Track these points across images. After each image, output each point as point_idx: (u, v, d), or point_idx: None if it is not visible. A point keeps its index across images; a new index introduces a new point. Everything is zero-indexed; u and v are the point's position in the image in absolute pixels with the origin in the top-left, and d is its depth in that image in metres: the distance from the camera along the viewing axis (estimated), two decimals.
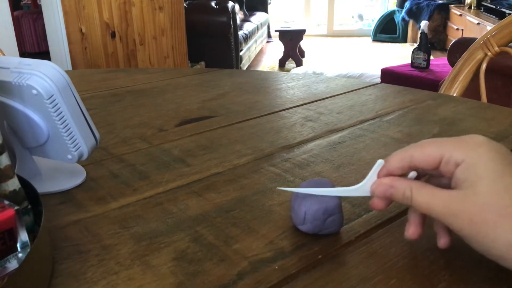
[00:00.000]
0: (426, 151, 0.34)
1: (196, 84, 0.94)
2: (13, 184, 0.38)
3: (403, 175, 0.36)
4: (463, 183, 0.32)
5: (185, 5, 3.33)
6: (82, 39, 2.91)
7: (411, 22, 5.91)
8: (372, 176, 0.37)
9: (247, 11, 5.50)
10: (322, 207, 0.38)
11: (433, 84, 2.49)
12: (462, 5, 5.36)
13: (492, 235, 0.30)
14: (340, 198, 0.40)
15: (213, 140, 0.63)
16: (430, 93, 0.84)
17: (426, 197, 0.34)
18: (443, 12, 5.49)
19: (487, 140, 0.33)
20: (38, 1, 4.40)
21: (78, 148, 0.47)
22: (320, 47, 5.99)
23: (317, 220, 0.39)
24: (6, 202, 0.35)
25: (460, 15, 5.00)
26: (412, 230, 0.36)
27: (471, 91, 0.98)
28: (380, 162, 0.37)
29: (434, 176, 0.37)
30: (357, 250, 0.38)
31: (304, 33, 4.86)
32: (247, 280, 0.35)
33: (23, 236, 0.34)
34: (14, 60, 0.46)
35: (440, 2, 5.55)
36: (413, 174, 0.36)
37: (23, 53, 4.02)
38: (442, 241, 0.36)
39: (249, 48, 4.62)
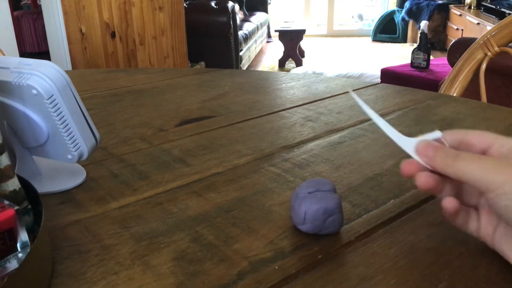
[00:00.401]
0: (482, 133, 0.37)
1: (196, 84, 0.94)
2: (13, 184, 0.38)
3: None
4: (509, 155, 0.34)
5: (185, 5, 3.33)
6: (82, 39, 2.91)
7: (411, 22, 5.91)
8: (425, 138, 0.37)
9: (247, 11, 5.50)
10: (322, 207, 0.38)
11: (433, 84, 2.49)
12: (462, 5, 5.36)
13: None
14: (340, 198, 0.40)
15: (213, 140, 0.63)
16: (430, 93, 0.84)
17: (472, 155, 0.34)
18: (443, 12, 5.50)
19: None
20: (38, 1, 4.41)
21: (78, 148, 0.47)
22: (320, 47, 5.99)
23: (317, 220, 0.39)
24: (6, 202, 0.35)
25: (460, 15, 5.00)
26: (425, 178, 0.36)
27: (471, 91, 0.98)
28: (437, 133, 0.37)
29: None
30: (357, 250, 0.38)
31: (304, 33, 4.86)
32: (247, 280, 0.35)
33: (23, 236, 0.34)
34: (14, 60, 0.46)
35: (440, 2, 5.55)
36: (437, 134, 0.37)
37: (23, 53, 4.03)
38: (450, 201, 0.36)
39: (249, 48, 4.62)
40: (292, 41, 4.74)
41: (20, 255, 0.34)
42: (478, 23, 4.37)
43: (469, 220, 0.37)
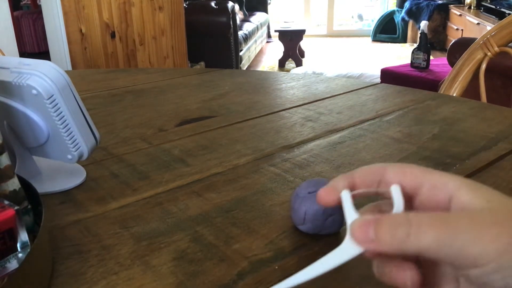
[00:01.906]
0: (404, 172, 0.27)
1: (196, 84, 0.94)
2: (13, 184, 0.38)
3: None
4: (477, 204, 0.24)
5: (185, 5, 3.33)
6: (82, 39, 2.91)
7: (410, 22, 5.91)
8: (350, 213, 0.26)
9: (247, 11, 5.50)
10: (322, 207, 0.38)
11: (433, 84, 2.49)
12: (461, 5, 5.36)
13: None
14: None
15: (213, 140, 0.63)
16: (430, 93, 0.84)
17: (438, 223, 0.23)
18: (442, 12, 5.50)
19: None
20: (38, 1, 4.40)
21: (78, 148, 0.47)
22: (320, 47, 5.99)
23: (317, 220, 0.39)
24: (6, 202, 0.35)
25: (460, 15, 5.00)
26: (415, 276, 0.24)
27: (471, 91, 0.98)
28: (346, 194, 0.27)
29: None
30: None
31: (304, 33, 4.86)
32: (247, 280, 0.35)
33: (23, 236, 0.34)
34: (14, 60, 0.46)
35: (439, 2, 5.55)
36: (395, 188, 0.26)
37: (23, 53, 4.02)
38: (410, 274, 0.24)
39: (249, 48, 4.61)
40: (292, 41, 4.74)
41: (20, 255, 0.34)
42: (478, 23, 4.37)
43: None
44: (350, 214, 0.26)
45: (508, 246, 0.22)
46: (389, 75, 2.90)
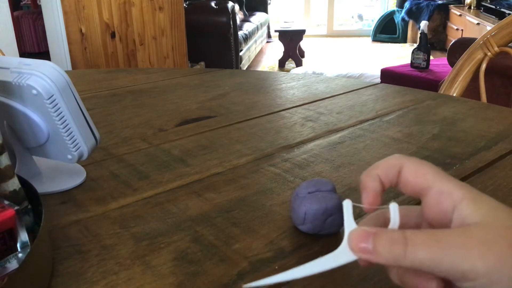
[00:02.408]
0: (420, 169, 0.28)
1: (196, 84, 0.94)
2: (13, 184, 0.38)
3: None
4: (476, 217, 0.25)
5: (185, 5, 3.33)
6: (82, 39, 2.91)
7: (411, 22, 5.91)
8: (350, 223, 0.27)
9: (247, 11, 5.50)
10: (322, 207, 0.38)
11: (433, 84, 2.49)
12: (461, 5, 5.36)
13: None
14: (340, 198, 0.40)
15: (213, 140, 0.63)
16: (430, 93, 0.84)
17: (430, 237, 0.25)
18: (442, 12, 5.50)
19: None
20: (38, 1, 4.41)
21: (78, 148, 0.47)
22: (320, 47, 5.99)
23: (317, 220, 0.39)
24: (6, 202, 0.35)
25: (460, 15, 5.00)
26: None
27: (471, 91, 0.98)
28: (347, 203, 0.28)
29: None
30: None
31: (304, 33, 4.86)
32: (247, 280, 0.35)
33: (23, 236, 0.34)
34: (14, 60, 0.46)
35: (439, 2, 5.56)
36: (394, 206, 0.27)
37: (23, 53, 4.02)
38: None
39: (249, 48, 4.62)
40: (292, 41, 4.74)
41: (20, 255, 0.34)
42: (478, 23, 4.37)
43: None
44: (349, 223, 0.27)
45: (496, 262, 0.23)
46: (389, 75, 2.90)
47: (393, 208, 0.27)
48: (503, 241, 0.24)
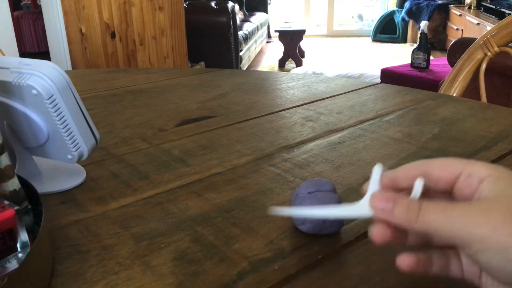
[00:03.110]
0: (446, 163, 0.31)
1: (196, 84, 0.94)
2: (13, 184, 0.38)
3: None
4: (492, 193, 0.28)
5: (185, 5, 3.33)
6: (82, 39, 2.91)
7: (411, 22, 5.91)
8: (374, 186, 0.31)
9: (247, 11, 5.50)
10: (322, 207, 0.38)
11: (433, 84, 2.49)
12: (462, 5, 5.36)
13: None
14: (340, 198, 0.40)
15: (213, 140, 0.63)
16: (430, 93, 0.84)
17: (439, 206, 0.28)
18: (443, 12, 5.50)
19: None
20: (38, 1, 4.41)
21: (78, 148, 0.47)
22: (320, 47, 5.99)
23: (317, 220, 0.39)
24: (6, 202, 0.35)
25: (460, 15, 5.00)
26: (380, 231, 0.30)
27: (471, 91, 0.98)
28: (378, 168, 0.31)
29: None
30: (357, 250, 0.38)
31: (304, 33, 4.86)
32: (247, 280, 0.35)
33: (23, 236, 0.34)
34: (14, 60, 0.46)
35: (440, 2, 5.56)
36: (419, 182, 0.30)
37: (23, 53, 4.02)
38: (406, 259, 0.31)
39: (249, 48, 4.62)
40: (292, 41, 4.74)
41: (20, 255, 0.34)
42: (478, 23, 4.37)
43: (449, 264, 0.31)
44: (374, 185, 0.31)
45: (491, 231, 0.26)
46: (389, 75, 2.90)
47: (419, 183, 0.30)
48: (501, 212, 0.26)
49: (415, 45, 3.08)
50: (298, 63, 4.77)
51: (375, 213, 0.30)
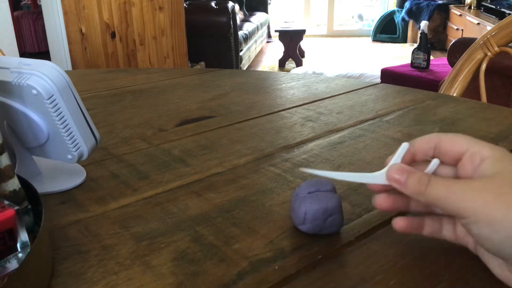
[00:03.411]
0: (456, 138, 0.35)
1: (196, 84, 0.94)
2: (13, 184, 0.38)
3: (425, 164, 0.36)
4: (489, 172, 0.31)
5: (185, 5, 3.33)
6: (82, 39, 2.91)
7: (411, 22, 5.91)
8: (396, 160, 0.35)
9: (247, 11, 5.50)
10: (322, 207, 0.38)
11: (433, 84, 2.49)
12: (462, 5, 5.36)
13: None
14: (340, 198, 0.40)
15: (213, 140, 0.63)
16: (430, 93, 0.84)
17: (444, 182, 0.32)
18: (443, 12, 5.50)
19: None
20: (38, 1, 4.41)
21: (78, 148, 0.47)
22: (320, 47, 5.99)
23: (317, 220, 0.39)
24: (6, 202, 0.35)
25: (460, 15, 5.00)
26: (383, 200, 0.36)
27: (471, 91, 0.98)
28: (405, 145, 0.35)
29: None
30: (357, 250, 0.38)
31: (304, 33, 4.86)
32: (247, 280, 0.35)
33: (23, 236, 0.34)
34: (14, 60, 0.46)
35: (440, 2, 5.56)
36: (436, 161, 0.35)
37: (23, 53, 4.03)
38: (400, 222, 0.36)
39: (249, 48, 4.62)
40: (292, 41, 4.74)
41: (20, 255, 0.34)
42: (478, 23, 4.37)
43: (442, 228, 0.37)
44: (396, 160, 0.35)
45: (483, 206, 0.30)
46: (389, 75, 2.90)
47: (434, 162, 0.35)
48: (493, 190, 0.30)
49: (415, 45, 3.08)
50: (298, 63, 4.78)
51: (390, 183, 0.35)
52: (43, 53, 4.03)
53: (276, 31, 5.00)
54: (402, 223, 0.36)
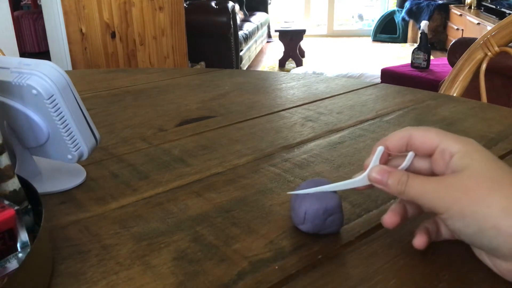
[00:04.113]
0: (427, 134, 0.36)
1: (196, 84, 0.94)
2: (13, 184, 0.38)
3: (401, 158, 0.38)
4: (458, 167, 0.33)
5: (185, 5, 3.33)
6: (82, 39, 2.91)
7: (411, 22, 5.91)
8: (375, 162, 0.37)
9: (247, 11, 5.50)
10: (322, 206, 0.38)
11: (433, 84, 2.49)
12: (462, 5, 5.36)
13: (487, 201, 0.31)
14: (340, 198, 0.40)
15: (213, 140, 0.63)
16: (430, 93, 0.84)
17: (420, 181, 0.34)
18: (443, 12, 5.50)
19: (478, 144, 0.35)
20: (38, 1, 4.41)
21: (78, 148, 0.47)
22: (320, 47, 5.99)
23: (317, 219, 0.39)
24: (6, 202, 0.35)
25: (460, 15, 5.00)
26: (389, 217, 0.37)
27: (471, 91, 0.98)
28: (380, 149, 0.37)
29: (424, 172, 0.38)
30: (357, 250, 0.38)
31: (304, 33, 4.86)
32: (247, 280, 0.35)
33: (23, 236, 0.34)
34: (14, 60, 0.46)
35: (440, 2, 5.55)
36: (411, 154, 0.37)
37: (23, 53, 4.02)
38: (419, 240, 0.37)
39: (249, 48, 4.62)
40: (292, 41, 4.74)
41: (20, 255, 0.34)
42: (478, 23, 4.37)
43: (440, 229, 0.38)
44: (374, 162, 0.37)
45: (453, 203, 0.32)
46: (389, 75, 2.90)
47: (410, 155, 0.37)
48: (460, 187, 0.32)
49: (415, 45, 3.08)
50: (298, 63, 4.77)
51: (373, 184, 0.37)
52: (43, 53, 4.02)
53: (276, 31, 4.99)
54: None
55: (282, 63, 4.82)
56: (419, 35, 3.22)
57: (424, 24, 2.92)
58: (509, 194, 0.31)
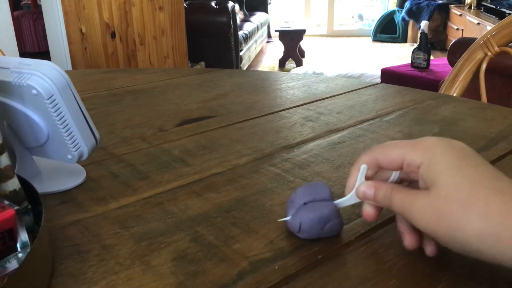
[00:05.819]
0: (390, 155, 0.36)
1: (196, 84, 0.94)
2: (13, 184, 0.38)
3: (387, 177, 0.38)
4: (427, 182, 0.33)
5: (185, 5, 3.33)
6: (82, 39, 2.91)
7: (411, 22, 5.91)
8: (361, 179, 0.38)
9: (247, 11, 5.50)
10: (316, 215, 0.38)
11: (433, 84, 2.49)
12: (462, 5, 5.36)
13: (462, 227, 0.31)
14: (336, 205, 0.40)
15: (213, 140, 0.63)
16: (430, 93, 0.84)
17: (401, 197, 0.35)
18: (443, 12, 5.50)
19: (440, 140, 0.35)
20: (38, 1, 4.41)
21: (78, 148, 0.47)
22: (320, 47, 5.99)
23: (314, 229, 0.38)
24: (6, 202, 0.35)
25: (460, 15, 5.00)
26: (408, 239, 0.36)
27: (471, 91, 0.98)
28: (364, 167, 0.38)
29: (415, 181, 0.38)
30: (357, 250, 0.38)
31: (304, 33, 4.86)
32: (247, 280, 0.35)
33: (23, 236, 0.34)
34: (14, 60, 0.46)
35: (440, 2, 5.56)
36: (395, 174, 0.37)
37: (23, 53, 4.02)
38: (429, 249, 0.36)
39: (249, 48, 4.62)
40: (292, 41, 4.74)
41: (20, 255, 0.34)
42: (478, 23, 4.37)
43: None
44: (361, 179, 0.38)
45: (426, 226, 0.33)
46: (389, 75, 2.90)
47: (394, 174, 0.38)
48: (431, 211, 0.32)
49: (415, 45, 3.08)
50: (298, 63, 4.77)
51: (362, 199, 0.38)
52: (43, 53, 4.02)
53: (276, 31, 4.99)
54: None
55: (282, 63, 4.82)
56: (419, 35, 3.22)
57: (424, 24, 2.92)
58: (481, 212, 0.30)
